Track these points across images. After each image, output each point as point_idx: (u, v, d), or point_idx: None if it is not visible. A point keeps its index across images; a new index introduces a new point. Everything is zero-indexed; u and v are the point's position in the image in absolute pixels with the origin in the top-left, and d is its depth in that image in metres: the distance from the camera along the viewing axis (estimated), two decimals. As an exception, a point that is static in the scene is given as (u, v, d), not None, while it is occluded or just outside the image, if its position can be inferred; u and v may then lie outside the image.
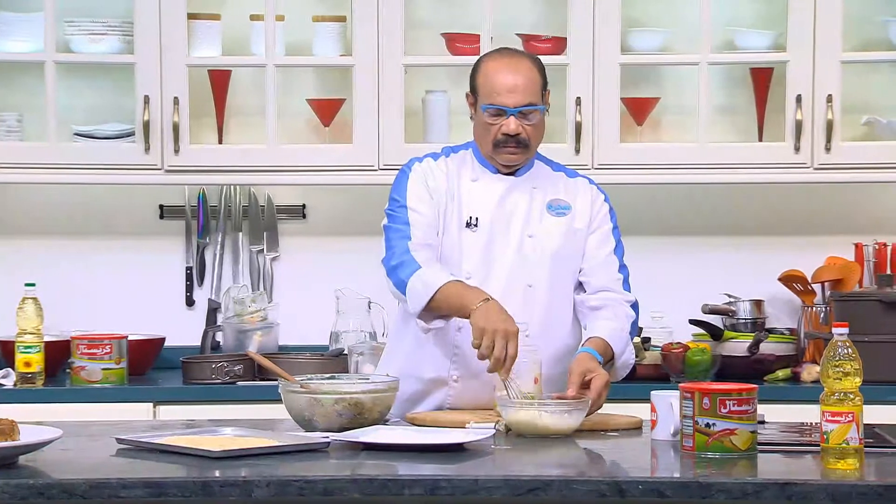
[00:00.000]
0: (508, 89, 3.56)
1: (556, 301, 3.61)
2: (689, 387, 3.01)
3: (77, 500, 2.70)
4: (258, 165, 4.73)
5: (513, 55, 3.64)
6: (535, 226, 3.62)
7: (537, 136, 3.62)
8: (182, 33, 4.69)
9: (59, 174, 4.72)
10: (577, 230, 3.65)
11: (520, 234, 3.61)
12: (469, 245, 3.59)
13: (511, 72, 3.57)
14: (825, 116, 4.66)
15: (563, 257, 3.62)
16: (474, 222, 3.61)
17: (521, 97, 3.56)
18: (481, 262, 3.58)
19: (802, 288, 4.89)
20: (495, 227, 3.60)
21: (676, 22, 4.85)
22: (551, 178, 3.70)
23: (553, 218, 3.64)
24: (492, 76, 3.58)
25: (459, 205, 3.62)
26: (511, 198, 3.63)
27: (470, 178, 3.65)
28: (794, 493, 2.69)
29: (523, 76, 3.57)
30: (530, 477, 2.78)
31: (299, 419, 3.27)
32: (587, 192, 3.70)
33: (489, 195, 3.63)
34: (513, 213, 3.62)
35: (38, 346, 4.50)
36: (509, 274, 3.58)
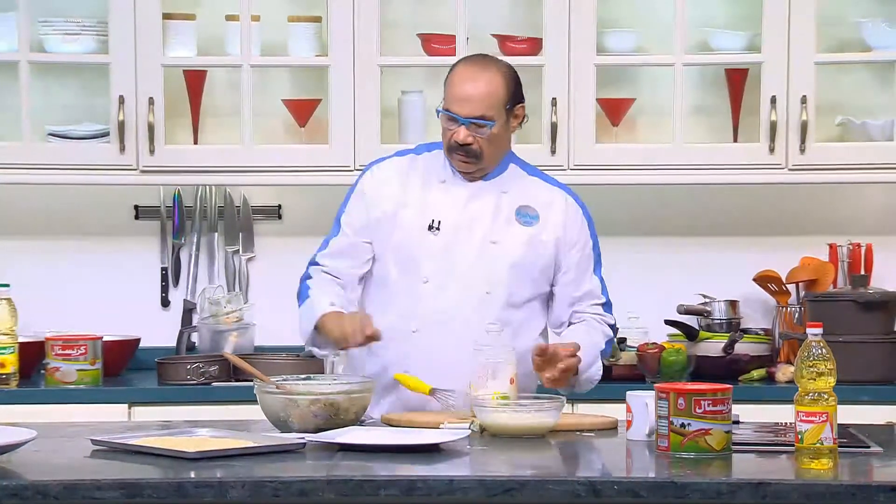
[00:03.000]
0: (461, 98, 3.53)
1: (511, 310, 3.59)
2: (665, 387, 3.01)
3: (51, 501, 2.69)
4: (234, 166, 4.72)
5: (482, 64, 3.60)
6: (499, 232, 3.59)
7: (493, 148, 3.58)
8: (157, 33, 4.68)
9: (34, 174, 4.70)
10: (543, 242, 3.61)
11: (482, 239, 3.58)
12: (429, 248, 3.58)
13: (470, 81, 3.54)
14: (799, 117, 4.68)
15: (524, 267, 3.59)
16: (436, 225, 3.59)
17: (472, 109, 3.52)
18: (440, 266, 3.57)
19: (777, 288, 4.90)
20: (457, 231, 3.58)
21: (652, 23, 4.86)
22: (524, 183, 3.66)
23: (520, 226, 3.61)
24: (453, 81, 3.57)
25: (424, 206, 3.60)
26: (477, 202, 3.61)
27: (438, 179, 3.64)
28: (769, 493, 2.70)
29: (482, 88, 3.53)
30: (505, 477, 2.78)
31: (275, 420, 3.27)
32: (562, 205, 3.66)
33: (454, 198, 3.61)
34: (477, 217, 3.59)
35: (13, 346, 4.49)
36: (468, 279, 3.56)
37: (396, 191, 3.62)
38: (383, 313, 3.58)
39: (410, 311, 3.57)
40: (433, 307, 3.55)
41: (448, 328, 3.54)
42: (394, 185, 3.63)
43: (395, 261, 3.61)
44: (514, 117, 3.61)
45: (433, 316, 3.55)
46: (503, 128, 3.58)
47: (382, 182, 3.65)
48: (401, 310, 3.58)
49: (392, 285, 3.61)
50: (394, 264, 3.61)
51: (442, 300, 3.56)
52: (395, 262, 3.61)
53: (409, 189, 3.63)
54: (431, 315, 3.55)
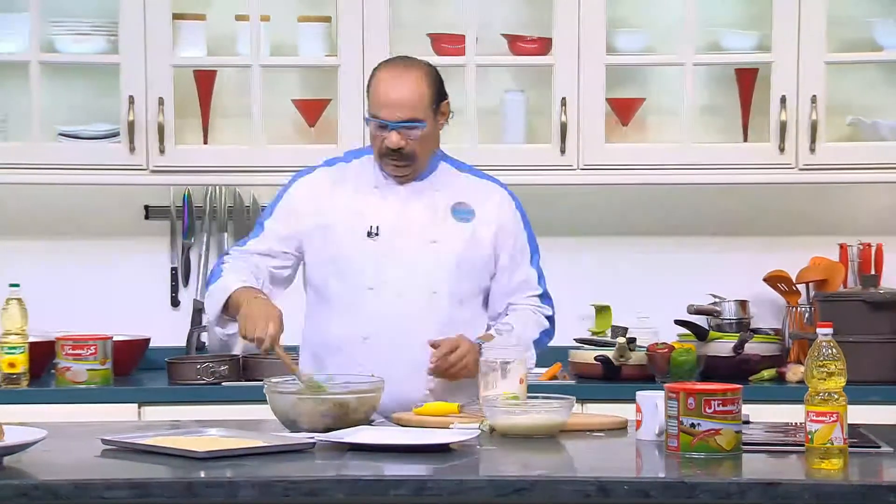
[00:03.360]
0: (388, 104, 3.52)
1: (459, 307, 3.59)
2: (674, 387, 3.01)
3: (62, 501, 2.69)
4: (243, 166, 4.73)
5: (403, 68, 3.58)
6: (438, 232, 3.60)
7: (424, 148, 3.58)
8: (167, 33, 4.68)
9: (44, 174, 4.71)
10: (481, 237, 3.62)
11: (421, 240, 3.59)
12: (370, 255, 3.57)
13: (395, 86, 3.53)
14: (809, 117, 4.67)
15: (466, 263, 3.60)
16: (375, 231, 3.59)
17: (401, 112, 3.52)
18: (384, 272, 3.56)
19: (787, 288, 4.90)
20: (397, 235, 3.58)
21: (661, 23, 4.85)
22: (456, 179, 3.67)
23: (457, 223, 3.61)
24: (377, 87, 3.56)
25: (360, 214, 3.60)
26: (413, 204, 3.61)
27: (371, 184, 3.63)
28: (779, 494, 2.70)
29: (408, 91, 3.53)
30: (515, 477, 2.78)
31: (284, 420, 3.27)
32: (495, 198, 3.67)
33: (390, 202, 3.60)
34: (414, 219, 3.60)
35: (23, 346, 4.49)
36: (412, 282, 3.56)
37: (327, 202, 3.62)
38: (329, 324, 3.59)
39: (358, 320, 3.56)
40: (381, 313, 3.55)
41: (399, 332, 3.54)
42: (324, 196, 3.63)
43: (335, 272, 3.59)
44: (440, 115, 3.61)
45: (382, 322, 3.55)
46: (432, 127, 3.59)
47: (312, 194, 3.64)
48: (347, 319, 3.57)
49: (335, 297, 3.60)
50: (334, 275, 3.59)
51: (389, 306, 3.55)
52: (335, 274, 3.59)
53: (341, 198, 3.62)
54: (381, 321, 3.55)
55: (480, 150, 4.70)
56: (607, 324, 4.85)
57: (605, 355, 4.62)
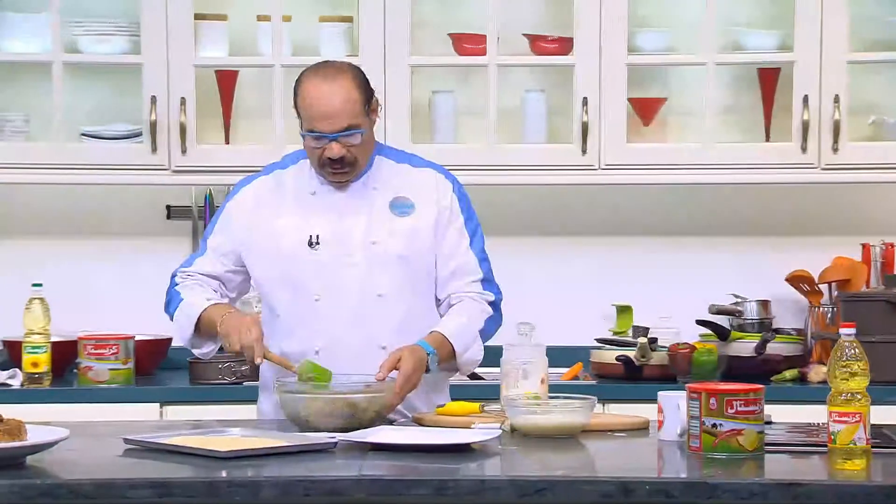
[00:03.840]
0: (325, 115, 3.46)
1: (409, 306, 3.55)
2: (696, 387, 3.01)
3: (84, 500, 2.70)
4: (265, 165, 4.72)
5: (329, 76, 3.50)
6: (378, 231, 3.55)
7: (364, 152, 3.54)
8: (189, 34, 4.69)
9: (66, 175, 4.72)
10: (421, 229, 3.56)
11: (362, 244, 3.54)
12: (313, 265, 3.53)
13: (327, 96, 3.47)
14: (832, 116, 4.66)
15: (410, 260, 3.55)
16: (315, 240, 3.54)
17: (338, 122, 3.47)
18: (328, 281, 3.52)
19: (809, 288, 4.88)
20: (337, 241, 3.54)
21: (683, 22, 4.84)
22: (393, 172, 3.61)
23: (397, 219, 3.56)
24: (309, 99, 3.49)
25: (299, 224, 3.55)
26: (350, 207, 3.56)
27: (308, 191, 3.59)
28: (801, 494, 2.69)
29: (340, 99, 3.46)
30: (536, 477, 2.78)
31: (294, 419, 3.27)
32: (432, 184, 3.61)
33: (327, 208, 3.56)
34: (354, 223, 3.55)
35: (46, 346, 4.51)
36: (358, 287, 3.52)
37: (266, 214, 3.58)
38: (283, 339, 3.56)
39: (309, 333, 3.53)
40: (330, 323, 3.51)
41: (351, 341, 3.51)
42: (262, 208, 3.59)
43: (281, 286, 3.56)
44: (372, 112, 3.56)
45: (332, 332, 3.51)
46: (369, 129, 3.55)
47: (249, 206, 3.60)
48: (300, 333, 3.54)
49: (284, 311, 3.57)
50: (281, 289, 3.56)
51: (337, 314, 3.52)
52: (281, 287, 3.56)
53: (279, 208, 3.58)
54: (330, 331, 3.51)
55: (501, 149, 4.71)
56: (629, 324, 4.84)
57: (627, 355, 4.61)
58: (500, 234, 4.58)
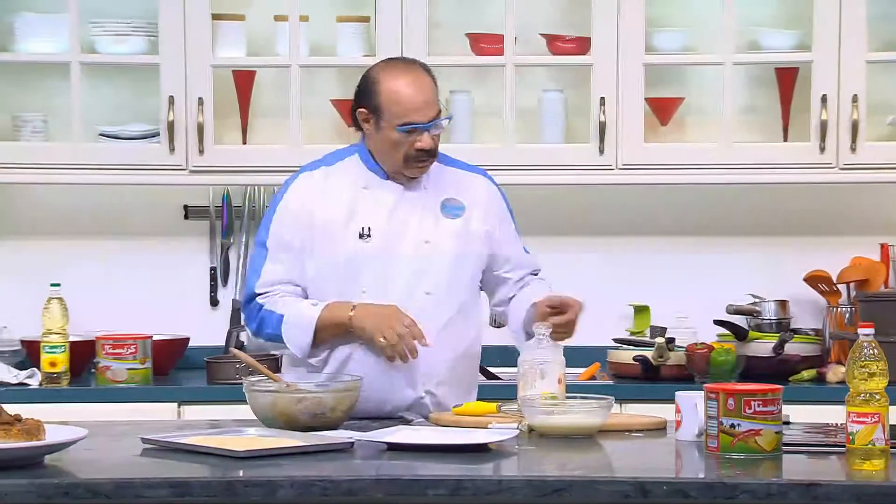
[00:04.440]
0: (420, 106, 3.51)
1: (456, 305, 3.57)
2: (714, 387, 3.00)
3: (102, 499, 2.70)
4: (282, 166, 4.72)
5: (411, 68, 3.57)
6: (430, 231, 3.57)
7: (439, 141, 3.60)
8: (206, 34, 4.70)
9: (84, 175, 4.73)
10: (473, 231, 3.61)
11: (415, 241, 3.56)
12: (363, 257, 3.54)
13: (417, 88, 3.52)
14: (850, 116, 4.65)
15: (460, 261, 3.58)
16: (367, 233, 3.56)
17: (431, 110, 3.52)
18: (377, 273, 3.53)
19: (827, 288, 4.87)
20: (389, 235, 3.55)
21: (701, 22, 4.84)
22: (444, 174, 3.64)
23: (448, 221, 3.59)
24: (399, 95, 3.52)
25: (351, 216, 3.57)
26: (404, 203, 3.58)
27: (360, 185, 3.60)
28: (820, 494, 2.68)
29: (428, 88, 3.53)
30: (554, 477, 2.78)
31: (263, 418, 3.28)
32: (484, 190, 3.66)
33: (381, 203, 3.58)
34: (406, 219, 3.57)
35: (64, 346, 4.52)
36: (406, 283, 3.53)
37: (318, 207, 3.59)
38: None
39: None
40: None
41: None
42: (314, 202, 3.60)
43: (331, 276, 3.56)
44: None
45: None
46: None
47: (303, 201, 3.60)
48: None
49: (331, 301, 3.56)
50: (330, 280, 3.56)
51: None
52: (329, 277, 3.56)
53: (331, 202, 3.59)
54: None
55: (518, 149, 4.71)
56: (646, 324, 4.84)
57: (644, 355, 4.61)
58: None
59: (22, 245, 4.99)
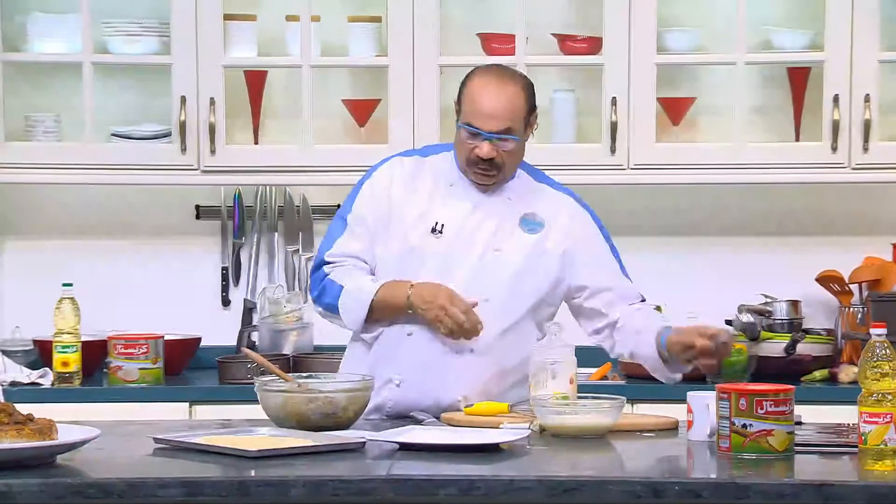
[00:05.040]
0: (488, 113, 3.48)
1: (510, 318, 3.54)
2: (726, 387, 3.00)
3: (114, 499, 2.71)
4: (294, 166, 4.74)
5: (502, 78, 3.54)
6: (504, 241, 3.55)
7: (513, 160, 3.55)
8: (218, 34, 4.70)
9: (96, 175, 4.74)
10: (547, 250, 3.57)
11: (485, 247, 3.54)
12: (430, 252, 3.54)
13: (494, 96, 3.49)
14: (862, 116, 4.64)
15: (524, 276, 3.55)
16: (439, 229, 3.55)
17: (498, 123, 3.48)
18: (439, 271, 3.52)
19: (840, 288, 4.86)
20: (460, 236, 3.54)
21: (712, 21, 4.83)
22: (531, 189, 3.62)
23: (525, 235, 3.57)
24: (475, 95, 3.51)
25: (429, 209, 3.56)
26: (483, 208, 3.57)
27: (447, 182, 3.59)
28: (832, 495, 2.68)
29: (506, 102, 3.49)
30: (565, 477, 2.77)
31: (274, 418, 3.28)
32: (568, 210, 3.62)
33: (461, 203, 3.57)
34: (481, 224, 3.55)
35: (76, 345, 4.53)
36: (466, 286, 3.50)
37: (401, 193, 3.59)
38: None
39: (407, 317, 3.51)
40: None
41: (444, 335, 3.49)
42: (398, 187, 3.60)
43: (396, 262, 3.56)
44: (529, 126, 3.58)
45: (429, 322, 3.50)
46: (523, 139, 3.56)
47: (386, 185, 3.60)
48: (399, 316, 3.53)
49: None
50: (394, 266, 3.56)
51: None
52: (396, 264, 3.56)
53: (415, 192, 3.59)
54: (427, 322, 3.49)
55: (530, 149, 4.69)
56: (658, 324, 4.83)
57: (656, 355, 4.60)
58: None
59: (34, 245, 5.00)
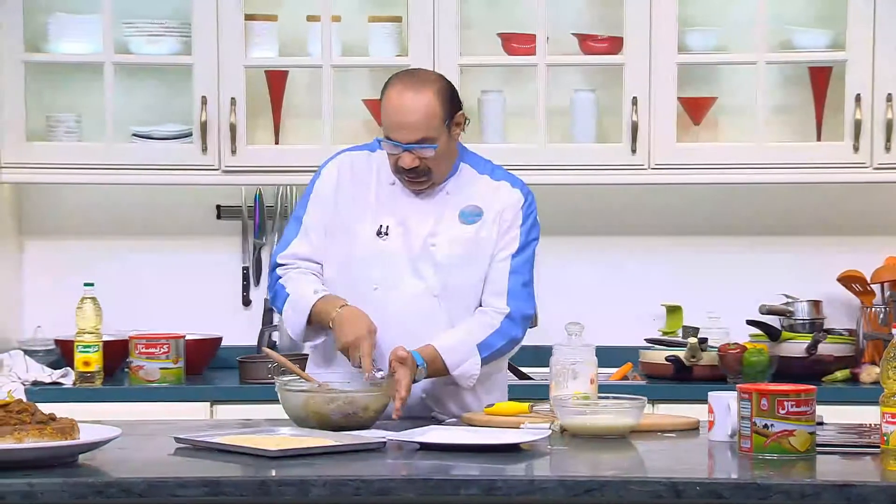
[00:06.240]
0: (400, 126, 3.47)
1: (459, 311, 3.54)
2: (747, 387, 2.99)
3: (135, 498, 2.71)
4: (314, 166, 4.69)
5: (413, 87, 3.49)
6: (441, 234, 3.55)
7: (439, 164, 3.53)
8: (239, 34, 4.71)
9: (118, 175, 4.75)
10: (483, 238, 3.56)
11: (423, 242, 3.55)
12: (378, 254, 3.55)
13: (406, 107, 3.46)
14: (885, 115, 4.62)
15: (463, 266, 3.54)
16: (385, 231, 3.56)
17: (412, 134, 3.46)
18: (389, 273, 3.53)
19: (861, 288, 4.85)
20: (403, 235, 3.55)
21: (733, 21, 4.82)
22: (472, 182, 3.61)
23: (462, 226, 3.56)
24: (389, 107, 3.49)
25: (374, 211, 3.57)
26: (422, 205, 3.57)
27: (388, 180, 3.60)
28: (853, 495, 2.67)
29: (418, 113, 3.45)
30: (586, 477, 2.77)
31: (295, 417, 3.28)
32: (505, 195, 3.60)
33: (401, 203, 3.57)
34: (421, 221, 3.56)
35: (97, 345, 4.54)
36: (414, 284, 3.52)
37: (346, 192, 3.60)
38: None
39: None
40: (384, 314, 3.51)
41: (399, 333, 3.49)
42: (344, 186, 3.61)
43: (345, 269, 3.57)
44: (455, 126, 3.55)
45: (385, 322, 3.50)
46: (446, 143, 3.53)
47: (335, 184, 3.62)
48: None
49: (344, 293, 3.56)
50: (343, 273, 3.57)
51: (392, 306, 3.52)
52: (345, 271, 3.57)
53: (359, 189, 3.60)
54: (383, 322, 3.49)
55: (550, 149, 4.70)
56: (678, 324, 4.83)
57: (677, 355, 4.60)
58: (549, 233, 4.54)
59: (55, 245, 5.02)
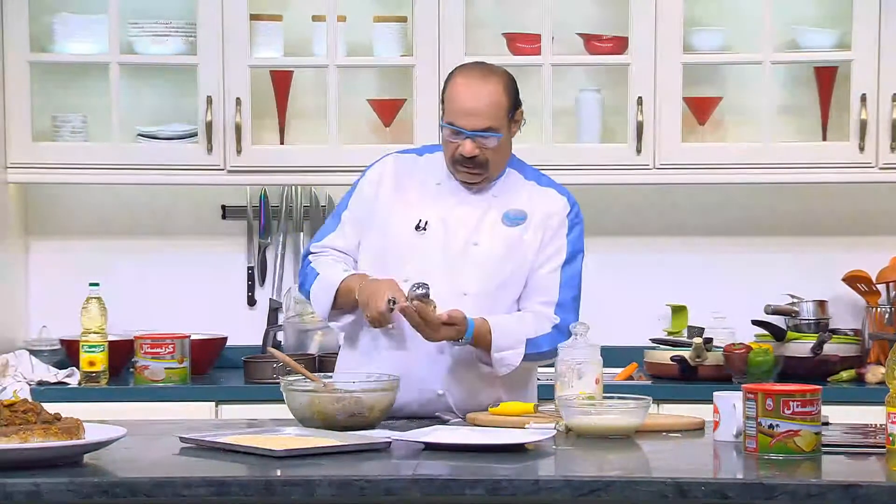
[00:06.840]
0: (467, 112, 3.49)
1: (491, 311, 3.53)
2: (753, 388, 2.99)
3: (140, 498, 2.72)
4: (319, 166, 4.75)
5: (482, 75, 3.54)
6: (483, 235, 3.56)
7: (497, 157, 3.56)
8: (244, 34, 4.71)
9: (123, 175, 4.76)
10: (525, 241, 3.57)
11: (464, 241, 3.56)
12: (414, 248, 3.56)
13: (473, 94, 3.50)
14: (890, 115, 4.62)
15: (503, 268, 3.55)
16: (423, 226, 3.57)
17: (478, 121, 3.49)
18: (422, 267, 3.53)
19: (867, 288, 4.84)
20: (442, 232, 3.56)
21: (739, 21, 4.82)
22: (518, 187, 3.63)
23: (505, 229, 3.58)
24: (456, 94, 3.52)
25: (415, 207, 3.58)
26: (466, 205, 3.59)
27: (435, 180, 3.62)
28: (859, 496, 2.67)
29: (486, 100, 3.49)
30: (591, 477, 2.77)
31: (300, 417, 3.28)
32: (551, 202, 3.62)
33: (445, 200, 3.59)
34: (463, 220, 3.57)
35: (102, 345, 4.54)
36: (447, 281, 3.52)
37: (389, 190, 3.62)
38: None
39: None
40: None
41: None
42: (388, 184, 3.63)
43: (380, 261, 3.58)
44: (514, 123, 3.58)
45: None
46: (507, 136, 3.57)
47: (378, 182, 3.65)
48: None
49: None
50: (378, 264, 3.58)
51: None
52: (379, 262, 3.58)
53: (403, 189, 3.62)
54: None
55: (556, 149, 4.70)
56: (683, 324, 4.83)
57: (682, 355, 4.60)
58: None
59: (61, 245, 5.02)
